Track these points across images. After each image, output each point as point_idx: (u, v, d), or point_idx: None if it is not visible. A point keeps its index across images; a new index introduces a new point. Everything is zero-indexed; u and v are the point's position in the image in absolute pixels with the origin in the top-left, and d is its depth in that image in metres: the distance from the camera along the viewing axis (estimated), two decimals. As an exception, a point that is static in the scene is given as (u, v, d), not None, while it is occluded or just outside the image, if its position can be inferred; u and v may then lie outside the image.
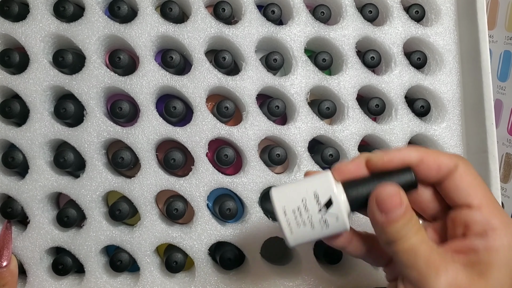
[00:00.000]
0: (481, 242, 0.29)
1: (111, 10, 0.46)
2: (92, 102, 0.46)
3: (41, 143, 0.45)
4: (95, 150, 0.46)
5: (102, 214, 0.46)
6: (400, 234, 0.29)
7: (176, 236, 0.46)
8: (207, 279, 0.46)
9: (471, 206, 0.31)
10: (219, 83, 0.47)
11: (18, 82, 0.45)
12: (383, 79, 0.50)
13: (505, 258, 0.29)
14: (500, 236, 0.29)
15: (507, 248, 0.29)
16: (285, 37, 0.48)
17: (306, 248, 0.47)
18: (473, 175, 0.31)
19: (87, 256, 0.46)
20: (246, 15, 0.48)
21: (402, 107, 0.50)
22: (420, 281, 0.29)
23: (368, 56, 0.49)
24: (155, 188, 0.46)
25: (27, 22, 0.45)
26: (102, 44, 0.47)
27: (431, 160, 0.31)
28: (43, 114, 0.45)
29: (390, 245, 0.30)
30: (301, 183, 0.32)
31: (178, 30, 0.47)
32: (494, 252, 0.29)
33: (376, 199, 0.30)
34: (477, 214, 0.30)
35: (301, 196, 0.31)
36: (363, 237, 0.35)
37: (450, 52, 0.51)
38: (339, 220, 0.31)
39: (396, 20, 0.50)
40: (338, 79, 0.49)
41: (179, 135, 0.46)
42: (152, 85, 0.46)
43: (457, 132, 0.50)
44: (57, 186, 0.46)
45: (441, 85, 0.50)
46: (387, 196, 0.30)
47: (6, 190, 0.45)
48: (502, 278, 0.28)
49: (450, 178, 0.31)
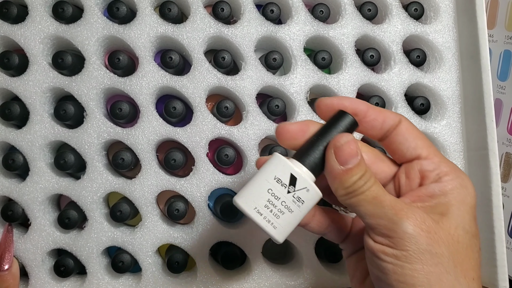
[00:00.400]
0: (437, 187, 0.31)
1: (110, 11, 0.46)
2: (92, 103, 0.46)
3: (41, 145, 0.45)
4: (96, 151, 0.46)
5: (103, 215, 0.46)
6: (361, 183, 0.30)
7: (178, 237, 0.46)
8: (209, 279, 0.46)
9: (421, 157, 0.32)
10: (219, 83, 0.47)
11: (18, 84, 0.45)
12: (382, 77, 0.50)
13: (460, 197, 0.31)
14: (452, 179, 0.31)
15: (460, 188, 0.31)
16: (284, 36, 0.48)
17: (308, 247, 0.47)
18: (415, 129, 0.33)
19: (89, 258, 0.46)
20: (245, 15, 0.48)
21: (402, 105, 0.50)
22: (391, 228, 0.29)
23: (368, 54, 0.49)
24: (155, 189, 0.46)
25: (26, 24, 0.45)
26: (102, 45, 0.47)
27: (376, 112, 0.33)
28: (43, 116, 0.45)
29: (352, 196, 0.30)
30: (258, 177, 0.31)
31: (177, 31, 0.47)
32: (450, 193, 0.31)
33: (334, 151, 0.30)
34: (429, 163, 0.32)
35: (266, 188, 0.30)
36: (324, 211, 0.35)
37: (449, 50, 0.51)
38: (310, 191, 0.31)
39: (395, 18, 0.50)
40: (338, 78, 0.49)
41: (179, 135, 0.46)
42: (152, 85, 0.46)
43: (457, 129, 0.50)
44: (58, 188, 0.46)
45: (441, 82, 0.50)
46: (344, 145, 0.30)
47: (6, 193, 0.45)
48: (462, 214, 0.31)
49: (396, 132, 0.32)
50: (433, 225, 0.29)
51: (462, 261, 0.30)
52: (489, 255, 0.47)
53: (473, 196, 0.32)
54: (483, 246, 0.48)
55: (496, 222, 0.47)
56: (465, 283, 0.29)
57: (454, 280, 0.29)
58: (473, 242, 0.31)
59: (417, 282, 0.28)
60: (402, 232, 0.29)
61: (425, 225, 0.29)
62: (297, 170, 0.31)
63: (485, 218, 0.48)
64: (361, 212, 0.30)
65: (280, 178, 0.30)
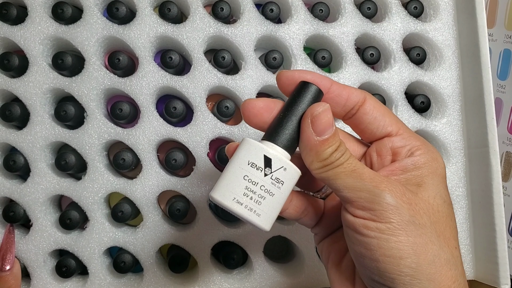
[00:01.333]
0: (410, 161, 0.31)
1: (109, 11, 0.46)
2: (93, 104, 0.46)
3: (42, 146, 0.45)
4: (96, 152, 0.46)
5: (104, 215, 0.46)
6: (338, 155, 0.29)
7: (179, 236, 0.46)
8: (211, 279, 0.46)
9: (391, 134, 0.32)
10: (219, 82, 0.47)
11: (18, 85, 0.45)
12: (382, 76, 0.50)
13: (433, 168, 0.31)
14: (424, 152, 0.31)
15: (431, 160, 0.31)
16: (284, 36, 0.48)
17: (309, 245, 0.47)
18: (381, 105, 0.32)
19: (91, 258, 0.46)
20: (244, 14, 0.48)
21: (402, 103, 0.50)
22: (373, 200, 0.28)
23: (368, 53, 0.49)
24: (157, 189, 0.46)
25: (26, 25, 0.45)
26: (101, 45, 0.47)
27: (340, 88, 0.31)
28: (44, 117, 0.45)
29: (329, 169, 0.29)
30: (231, 166, 0.29)
31: (177, 30, 0.47)
32: (423, 166, 0.31)
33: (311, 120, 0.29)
34: (400, 139, 0.32)
35: (241, 175, 0.29)
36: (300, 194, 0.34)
37: (449, 48, 0.51)
38: (287, 169, 0.29)
39: (395, 16, 0.50)
40: (338, 77, 0.49)
41: (180, 135, 0.46)
42: (152, 85, 0.46)
43: (457, 127, 0.50)
44: (59, 189, 0.46)
45: (441, 80, 0.50)
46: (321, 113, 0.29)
47: (8, 194, 0.45)
48: (437, 184, 0.31)
49: (363, 111, 0.32)
50: (412, 196, 0.29)
51: (443, 230, 0.30)
52: (491, 252, 0.47)
53: (443, 167, 0.32)
54: (484, 244, 0.48)
55: (497, 220, 0.47)
56: (448, 252, 0.29)
57: (439, 249, 0.29)
58: (450, 211, 0.31)
59: (403, 255, 0.28)
60: (386, 204, 0.28)
61: (405, 196, 0.29)
62: (270, 150, 0.29)
63: (486, 216, 0.48)
64: (339, 186, 0.29)
65: (254, 162, 0.29)
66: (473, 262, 0.50)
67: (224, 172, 0.29)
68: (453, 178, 0.50)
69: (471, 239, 0.50)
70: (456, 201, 0.50)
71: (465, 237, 0.50)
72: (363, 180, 0.29)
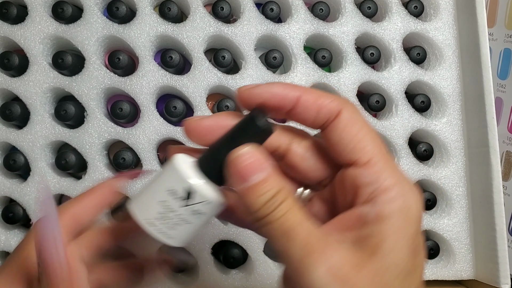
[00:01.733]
0: (371, 210, 0.23)
1: (109, 10, 0.46)
2: (93, 103, 0.46)
3: (42, 145, 0.45)
4: (97, 151, 0.46)
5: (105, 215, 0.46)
6: (272, 207, 0.23)
7: (179, 236, 0.46)
8: (211, 278, 0.46)
9: (357, 163, 0.24)
10: (219, 82, 0.47)
11: (18, 84, 0.45)
12: (383, 75, 0.50)
13: (401, 223, 0.23)
14: (391, 198, 0.23)
15: (399, 212, 0.23)
16: (284, 35, 0.48)
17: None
18: (360, 123, 0.24)
19: (91, 257, 0.46)
20: (244, 14, 0.48)
21: (402, 103, 0.50)
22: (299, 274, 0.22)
23: (368, 52, 0.49)
24: (157, 188, 0.46)
25: (26, 25, 0.45)
26: (101, 45, 0.47)
27: (310, 99, 0.25)
28: (44, 116, 0.45)
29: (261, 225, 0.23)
30: (154, 184, 0.27)
31: (177, 30, 0.47)
32: (388, 219, 0.23)
33: (231, 168, 0.24)
34: (365, 172, 0.24)
35: (159, 199, 0.26)
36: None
37: (449, 47, 0.51)
38: (210, 202, 0.26)
39: (395, 15, 0.50)
40: (338, 76, 0.49)
41: (180, 134, 0.46)
42: (152, 85, 0.46)
43: (457, 126, 0.50)
44: (59, 188, 0.46)
45: (441, 80, 0.50)
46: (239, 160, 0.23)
47: (8, 193, 0.45)
48: (399, 250, 0.23)
49: (334, 127, 0.24)
50: (353, 271, 0.22)
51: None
52: (491, 252, 0.47)
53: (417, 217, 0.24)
54: (484, 243, 0.48)
55: (498, 219, 0.47)
56: None
57: None
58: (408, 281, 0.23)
59: None
60: (309, 283, 0.22)
61: (342, 272, 0.22)
62: (194, 182, 0.25)
63: (487, 215, 0.48)
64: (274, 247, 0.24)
65: (175, 190, 0.25)
66: (473, 261, 0.50)
67: (149, 185, 0.27)
68: (453, 178, 0.50)
69: (471, 238, 0.50)
70: (456, 200, 0.50)
71: (465, 237, 0.50)
72: (294, 245, 0.22)
